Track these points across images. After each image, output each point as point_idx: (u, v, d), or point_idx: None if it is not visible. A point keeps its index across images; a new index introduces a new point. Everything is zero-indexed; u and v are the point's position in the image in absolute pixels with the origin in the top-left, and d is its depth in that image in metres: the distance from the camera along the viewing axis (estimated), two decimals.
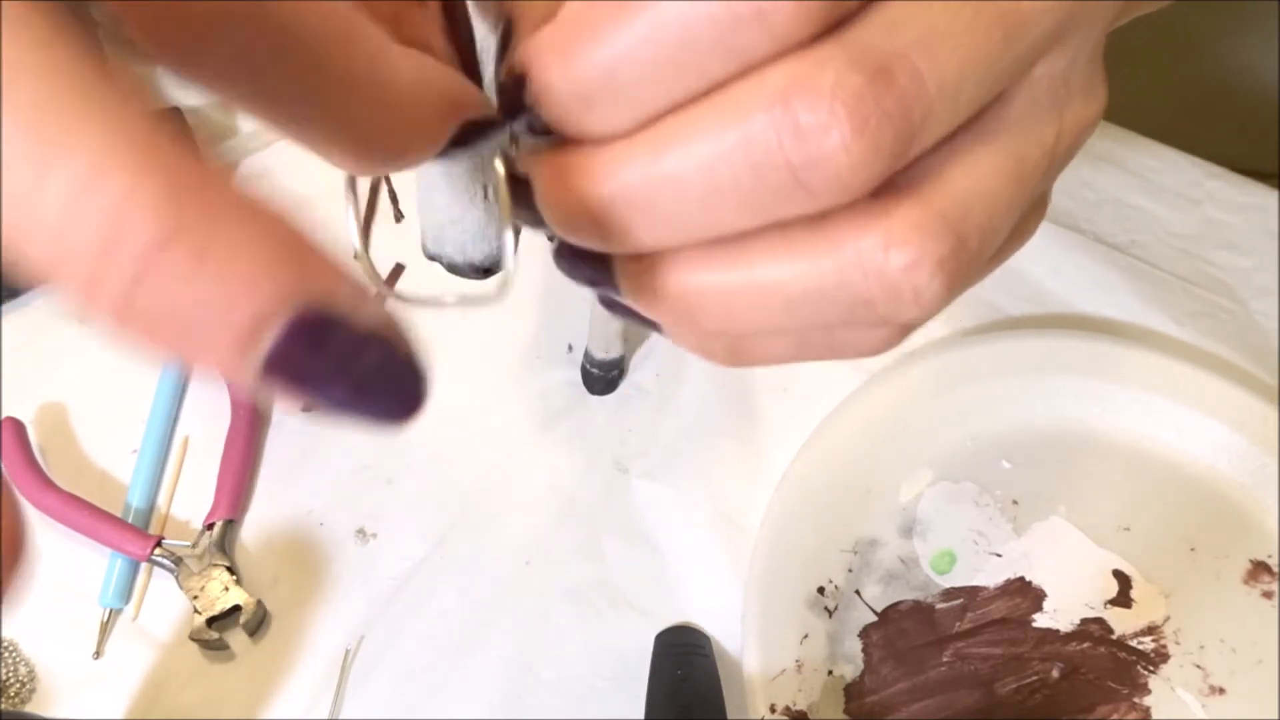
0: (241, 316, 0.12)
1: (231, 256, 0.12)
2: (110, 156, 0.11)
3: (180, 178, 0.12)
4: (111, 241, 0.11)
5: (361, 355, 0.12)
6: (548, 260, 0.22)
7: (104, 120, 0.12)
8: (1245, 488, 0.51)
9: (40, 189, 0.11)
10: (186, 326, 0.12)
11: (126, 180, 0.11)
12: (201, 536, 0.52)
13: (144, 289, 0.11)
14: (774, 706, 0.47)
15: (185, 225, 0.11)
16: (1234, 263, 0.58)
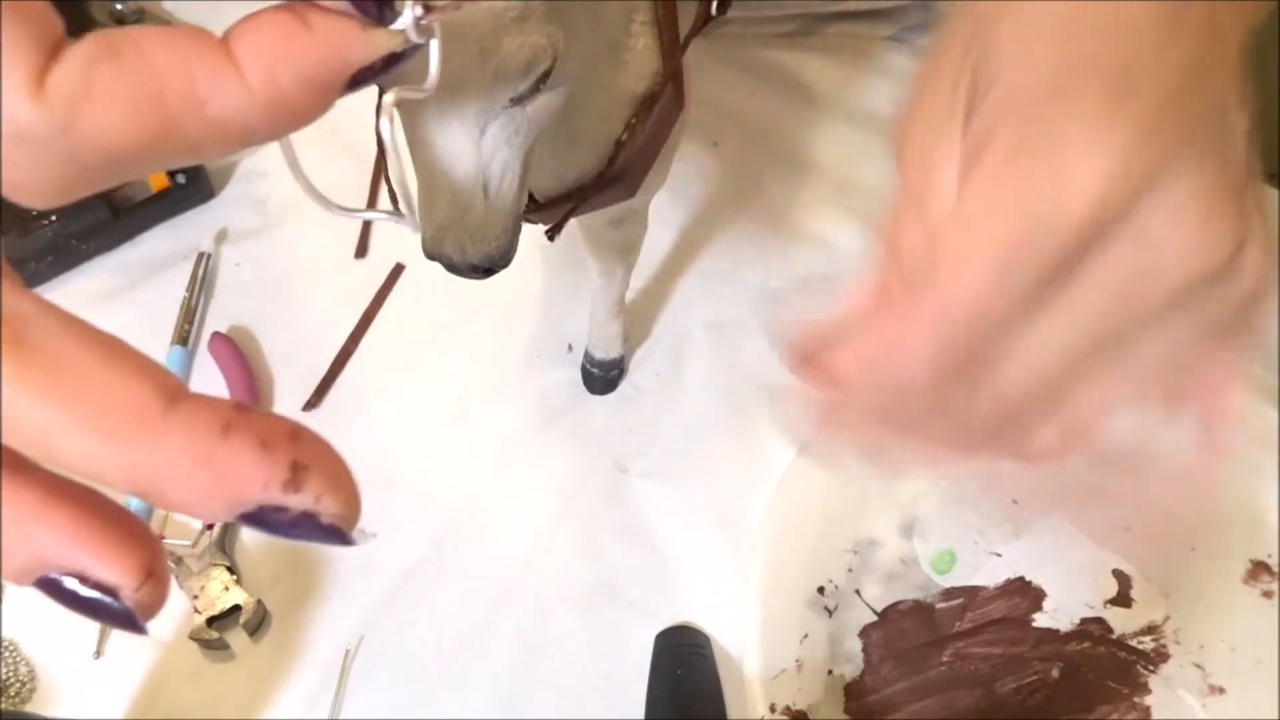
0: (201, 514, 0.16)
1: (179, 497, 0.16)
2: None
3: (130, 450, 0.15)
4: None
5: (293, 527, 0.16)
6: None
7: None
8: (1245, 488, 0.51)
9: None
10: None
11: (106, 459, 0.15)
12: (201, 536, 0.52)
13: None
14: (774, 706, 0.47)
15: (143, 486, 0.15)
16: None
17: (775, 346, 0.22)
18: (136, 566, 0.16)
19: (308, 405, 0.56)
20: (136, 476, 0.15)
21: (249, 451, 0.15)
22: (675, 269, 0.60)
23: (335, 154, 0.62)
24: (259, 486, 0.15)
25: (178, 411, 0.15)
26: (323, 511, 0.16)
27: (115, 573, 0.16)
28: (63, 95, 0.14)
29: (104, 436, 0.15)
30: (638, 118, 0.36)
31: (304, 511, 0.16)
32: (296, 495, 0.15)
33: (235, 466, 0.15)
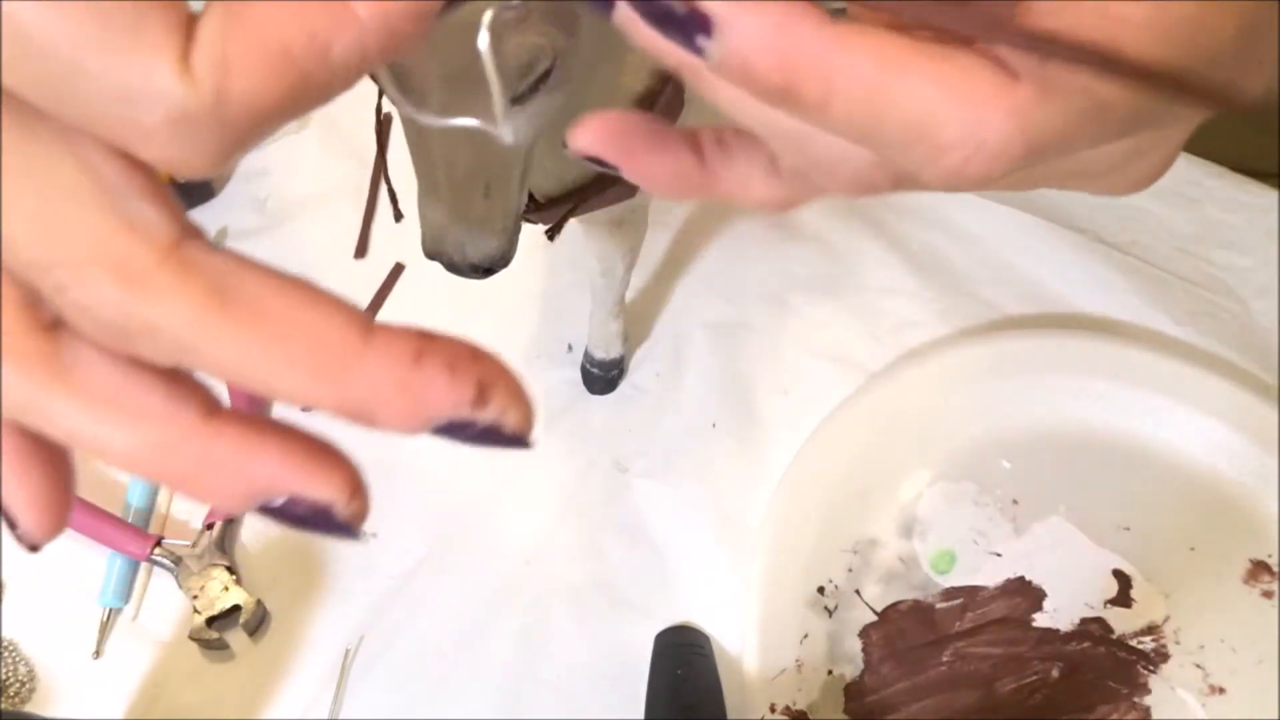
0: (404, 430, 0.17)
1: (384, 419, 0.17)
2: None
3: (338, 385, 0.17)
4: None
5: (481, 437, 0.18)
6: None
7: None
8: (1245, 488, 0.51)
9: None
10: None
11: (317, 394, 0.17)
12: (201, 536, 0.52)
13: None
14: (774, 706, 0.47)
15: (353, 412, 0.17)
16: (1234, 262, 0.58)
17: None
18: (343, 484, 0.17)
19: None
20: (347, 405, 0.17)
21: (440, 377, 0.17)
22: (675, 269, 0.60)
23: (335, 154, 0.62)
24: (450, 406, 0.17)
25: (373, 345, 0.17)
26: (506, 424, 0.18)
27: (326, 491, 0.17)
28: (207, 72, 0.15)
29: (315, 374, 0.16)
30: None
31: (490, 425, 0.18)
32: (484, 410, 0.17)
33: (430, 390, 0.17)
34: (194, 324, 0.16)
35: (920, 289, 0.58)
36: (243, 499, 0.17)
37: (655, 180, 0.24)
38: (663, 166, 0.24)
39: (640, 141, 0.23)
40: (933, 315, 0.57)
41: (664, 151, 0.24)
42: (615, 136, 0.23)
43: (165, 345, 0.16)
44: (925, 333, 0.57)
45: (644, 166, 0.23)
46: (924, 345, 0.56)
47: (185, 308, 0.16)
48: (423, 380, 0.17)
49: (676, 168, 0.24)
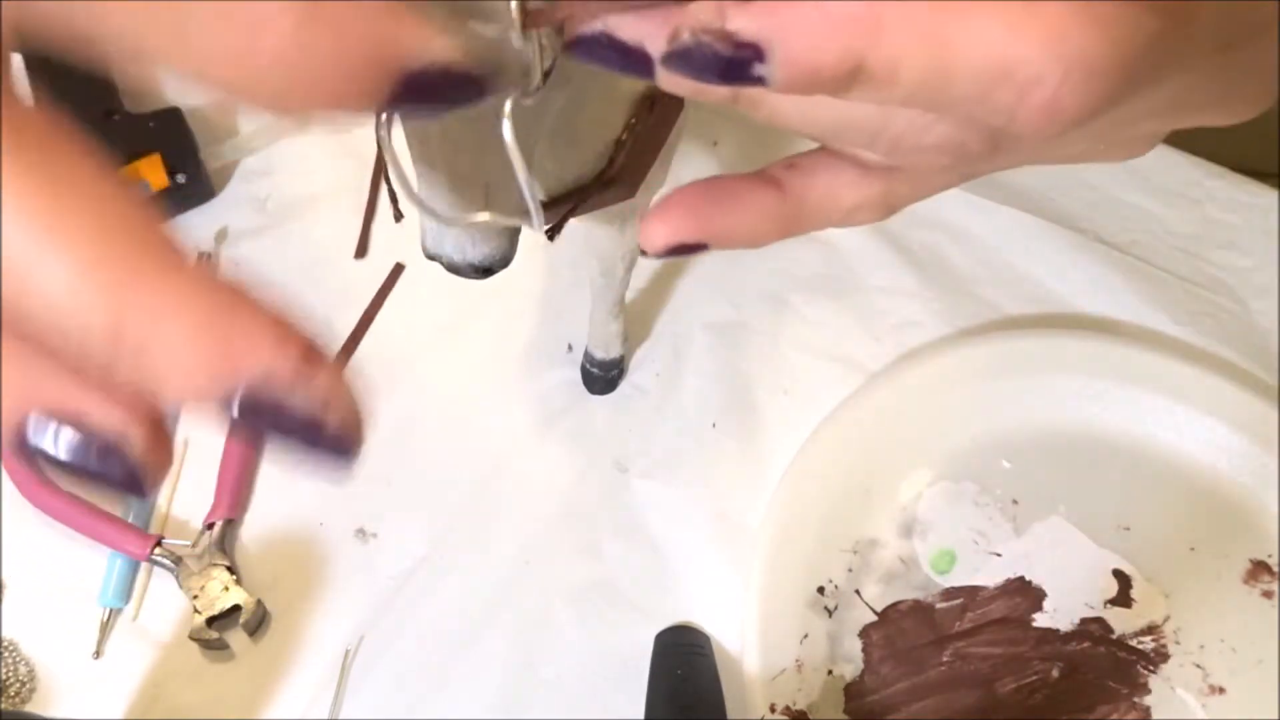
0: (187, 388, 0.14)
1: (169, 348, 0.13)
2: (85, 262, 0.13)
3: (131, 277, 0.13)
4: (82, 330, 0.13)
5: (290, 427, 0.14)
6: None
7: (85, 217, 0.13)
8: (1245, 488, 0.51)
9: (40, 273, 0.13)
10: (152, 389, 0.14)
11: (90, 285, 0.13)
12: (201, 536, 0.52)
13: (115, 364, 0.13)
14: (774, 706, 0.47)
15: (129, 326, 0.13)
16: (1234, 262, 0.58)
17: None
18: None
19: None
20: (122, 322, 0.13)
21: (261, 326, 0.14)
22: (675, 269, 0.60)
23: (335, 154, 0.62)
24: (262, 365, 0.14)
25: (187, 265, 0.14)
26: (330, 420, 0.14)
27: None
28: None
29: (94, 263, 0.13)
30: (638, 118, 0.36)
31: (308, 416, 0.14)
32: (304, 391, 0.14)
33: (242, 336, 0.13)
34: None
35: (920, 289, 0.58)
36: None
37: (747, 232, 0.22)
38: (749, 215, 0.22)
39: (713, 206, 0.22)
40: (933, 315, 0.57)
41: (740, 201, 0.22)
42: (688, 218, 0.22)
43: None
44: (925, 333, 0.57)
45: (731, 227, 0.22)
46: (924, 345, 0.56)
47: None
48: (237, 320, 0.13)
49: (762, 209, 0.22)
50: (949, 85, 0.16)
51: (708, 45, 0.16)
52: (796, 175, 0.23)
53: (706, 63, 0.17)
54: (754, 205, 0.22)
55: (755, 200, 0.22)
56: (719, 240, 0.22)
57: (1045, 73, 0.16)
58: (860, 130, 0.20)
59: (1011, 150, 0.20)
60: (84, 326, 0.13)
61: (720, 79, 0.17)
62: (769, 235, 0.23)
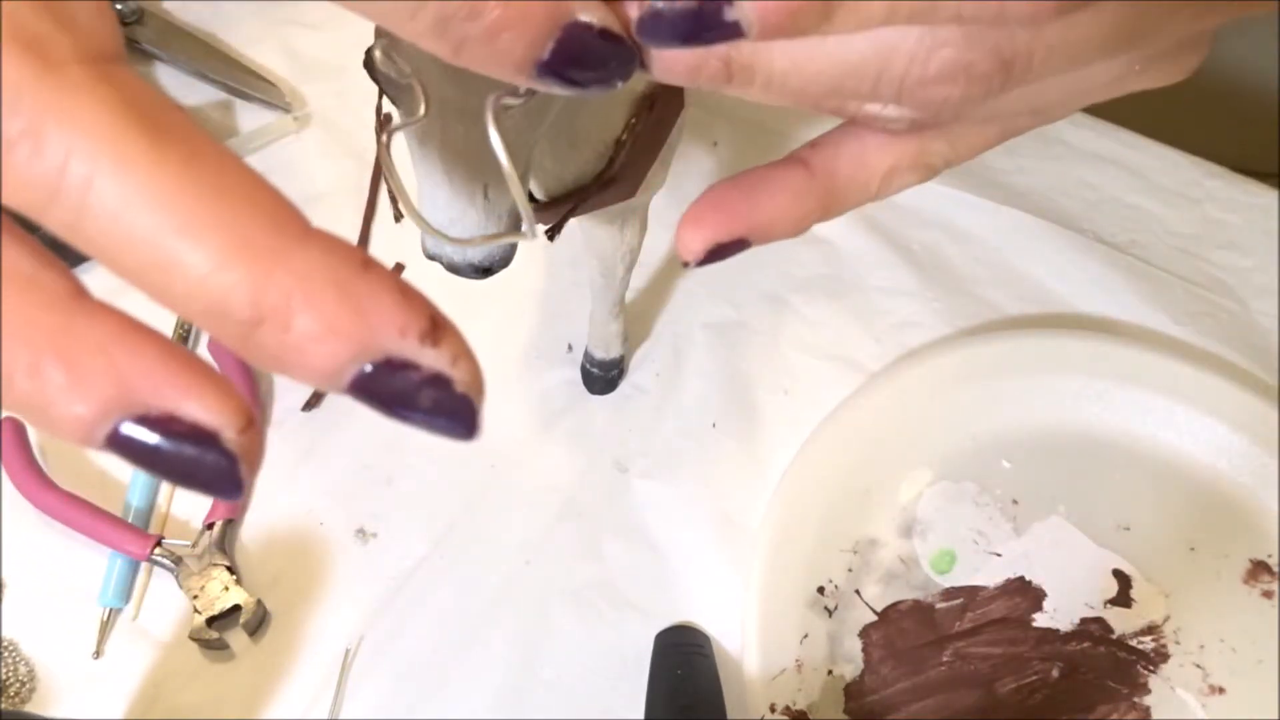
0: (322, 365, 0.14)
1: (306, 326, 0.14)
2: (224, 250, 0.14)
3: (269, 263, 0.14)
4: (221, 311, 0.14)
5: (419, 395, 0.14)
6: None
7: (220, 207, 0.14)
8: (1245, 488, 0.51)
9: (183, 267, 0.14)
10: (284, 368, 0.14)
11: (230, 272, 0.13)
12: (201, 536, 0.52)
13: (250, 343, 0.14)
14: (774, 706, 0.47)
15: (269, 308, 0.13)
16: (1234, 262, 0.58)
17: None
18: (236, 407, 0.14)
19: (308, 405, 0.56)
20: (263, 297, 0.13)
21: (390, 292, 0.14)
22: (675, 269, 0.60)
23: (335, 155, 0.63)
24: (395, 330, 0.14)
25: (317, 235, 0.14)
26: (457, 377, 0.14)
27: (214, 413, 0.14)
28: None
29: (237, 246, 0.13)
30: (638, 118, 0.36)
31: (437, 373, 0.14)
32: (433, 350, 0.14)
33: (375, 302, 0.14)
34: (106, 138, 0.13)
35: (920, 289, 0.58)
36: (104, 403, 0.13)
37: (784, 218, 0.22)
38: (783, 200, 0.22)
39: (745, 199, 0.21)
40: (933, 315, 0.57)
41: (771, 187, 0.22)
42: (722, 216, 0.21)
43: (52, 159, 0.13)
44: (925, 333, 0.57)
45: (768, 216, 0.21)
46: (924, 345, 0.56)
47: (98, 113, 0.13)
48: (368, 288, 0.14)
49: (794, 191, 0.22)
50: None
51: (675, 3, 0.16)
52: (821, 151, 0.22)
53: (678, 20, 0.17)
54: (786, 189, 0.22)
55: (786, 184, 0.22)
56: (758, 232, 0.21)
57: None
58: (862, 77, 0.19)
59: (1027, 68, 0.19)
60: (226, 309, 0.13)
61: (696, 37, 0.17)
62: (807, 217, 0.22)
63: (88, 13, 0.14)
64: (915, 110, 0.20)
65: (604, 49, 0.16)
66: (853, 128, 0.22)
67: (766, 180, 0.22)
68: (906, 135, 0.21)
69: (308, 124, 0.64)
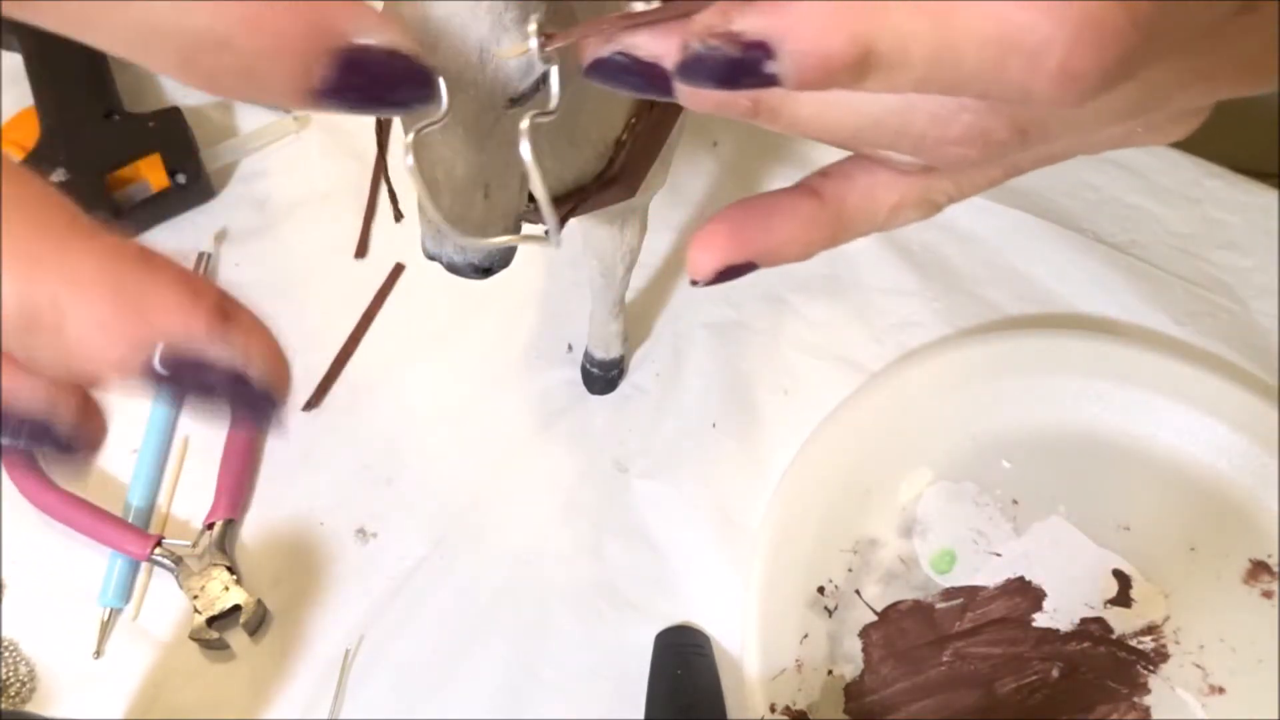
0: (107, 360, 0.14)
1: (83, 322, 0.13)
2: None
3: (37, 257, 0.13)
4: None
5: (213, 383, 0.14)
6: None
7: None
8: (1245, 488, 0.51)
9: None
10: (72, 372, 0.14)
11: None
12: (201, 536, 0.52)
13: (33, 351, 0.14)
14: (774, 706, 0.47)
15: (37, 308, 0.13)
16: (1234, 263, 0.58)
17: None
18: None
19: (308, 405, 0.56)
20: (29, 301, 0.13)
21: (172, 285, 0.14)
22: (675, 269, 0.60)
23: (335, 155, 0.62)
24: (179, 324, 0.14)
25: (95, 234, 0.14)
26: (253, 372, 0.14)
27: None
28: None
29: (9, 245, 0.13)
30: (638, 117, 0.36)
31: (231, 371, 0.14)
32: (222, 345, 0.14)
33: (154, 296, 0.13)
34: None
35: (920, 289, 0.58)
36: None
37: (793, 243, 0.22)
38: (792, 226, 0.22)
39: (755, 223, 0.22)
40: (933, 315, 0.57)
41: (781, 213, 0.22)
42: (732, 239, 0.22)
43: None
44: (925, 333, 0.57)
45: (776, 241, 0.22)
46: (924, 345, 0.56)
47: None
48: (148, 281, 0.13)
49: (804, 218, 0.22)
50: (960, 61, 0.16)
51: (717, 49, 0.16)
52: (832, 181, 0.22)
53: (718, 67, 0.17)
54: (795, 216, 0.22)
55: (795, 210, 0.22)
56: (767, 256, 0.22)
57: (1054, 37, 0.15)
58: (882, 130, 0.20)
59: (1042, 135, 0.19)
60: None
61: (733, 82, 0.17)
62: (815, 244, 0.22)
63: None
64: (929, 161, 0.21)
65: (392, 73, 0.16)
66: (862, 161, 0.22)
67: (778, 206, 0.22)
68: (914, 173, 0.22)
69: (308, 124, 0.63)
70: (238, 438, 0.54)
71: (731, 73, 0.17)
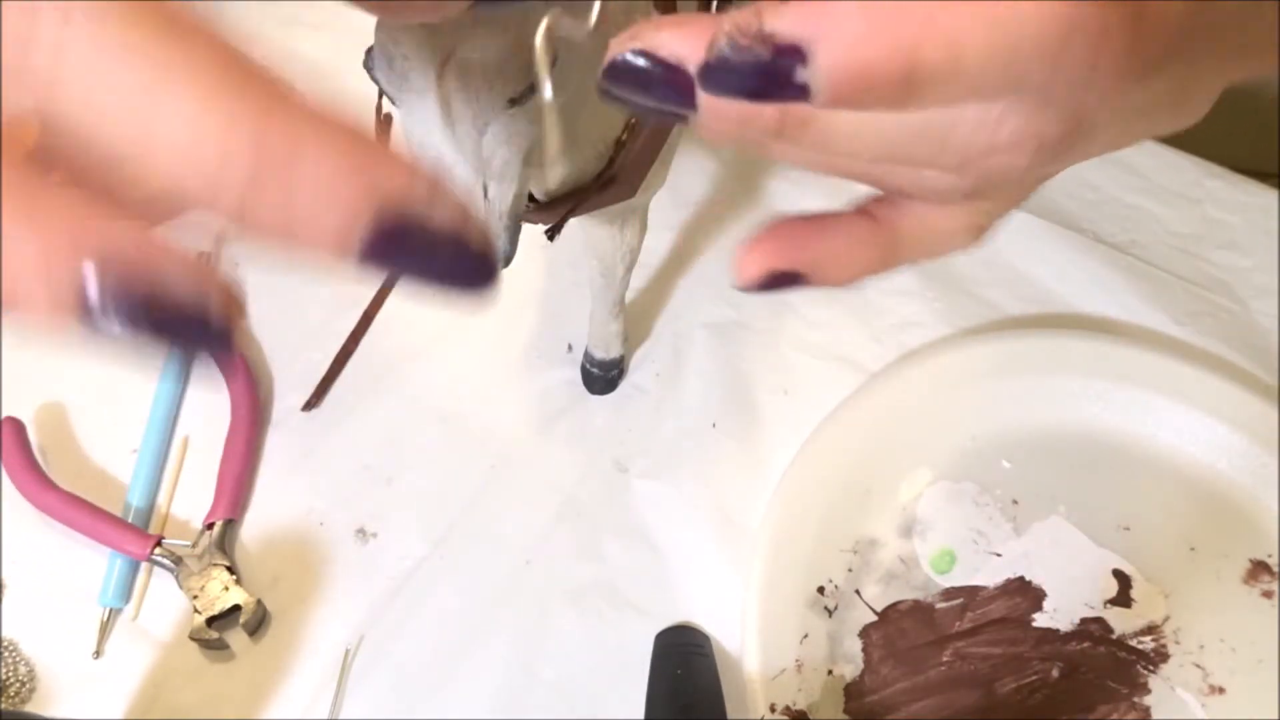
0: (331, 222, 0.13)
1: (314, 175, 0.13)
2: (213, 95, 0.13)
3: (267, 108, 0.13)
4: (219, 166, 0.13)
5: (435, 250, 0.14)
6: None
7: (205, 59, 0.13)
8: (1245, 488, 0.51)
9: (159, 122, 0.13)
10: (291, 232, 0.13)
11: (224, 116, 0.13)
12: (201, 536, 0.52)
13: (252, 203, 0.13)
14: (774, 706, 0.47)
15: (272, 153, 0.13)
16: (1234, 263, 0.58)
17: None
18: (197, 273, 0.14)
19: (308, 405, 0.56)
20: (265, 159, 0.13)
21: (390, 153, 0.14)
22: (675, 269, 0.60)
23: None
24: (404, 185, 0.13)
25: (304, 99, 0.13)
26: (471, 233, 0.14)
27: (182, 277, 0.13)
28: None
29: (229, 99, 0.13)
30: (638, 117, 0.36)
31: (451, 231, 0.14)
32: (439, 207, 0.14)
33: (381, 161, 0.13)
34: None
35: (920, 289, 0.58)
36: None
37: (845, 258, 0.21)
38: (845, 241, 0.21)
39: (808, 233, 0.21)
40: (933, 315, 0.57)
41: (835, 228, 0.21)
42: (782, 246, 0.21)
43: (19, 26, 0.12)
44: (925, 333, 0.57)
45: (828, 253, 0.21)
46: (924, 345, 0.56)
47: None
48: (371, 147, 0.13)
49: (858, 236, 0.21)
50: (1018, 57, 0.15)
51: (746, 50, 0.15)
52: (886, 205, 0.22)
53: (746, 71, 0.15)
54: (849, 233, 0.21)
55: (850, 228, 0.21)
56: (817, 268, 0.21)
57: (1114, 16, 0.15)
58: (924, 142, 0.18)
59: (1091, 129, 0.18)
60: (219, 167, 0.13)
61: (761, 90, 0.15)
62: (865, 265, 0.22)
63: None
64: (972, 180, 0.19)
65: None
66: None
67: (831, 221, 0.22)
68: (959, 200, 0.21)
69: None
70: (238, 438, 0.54)
71: (759, 79, 0.15)
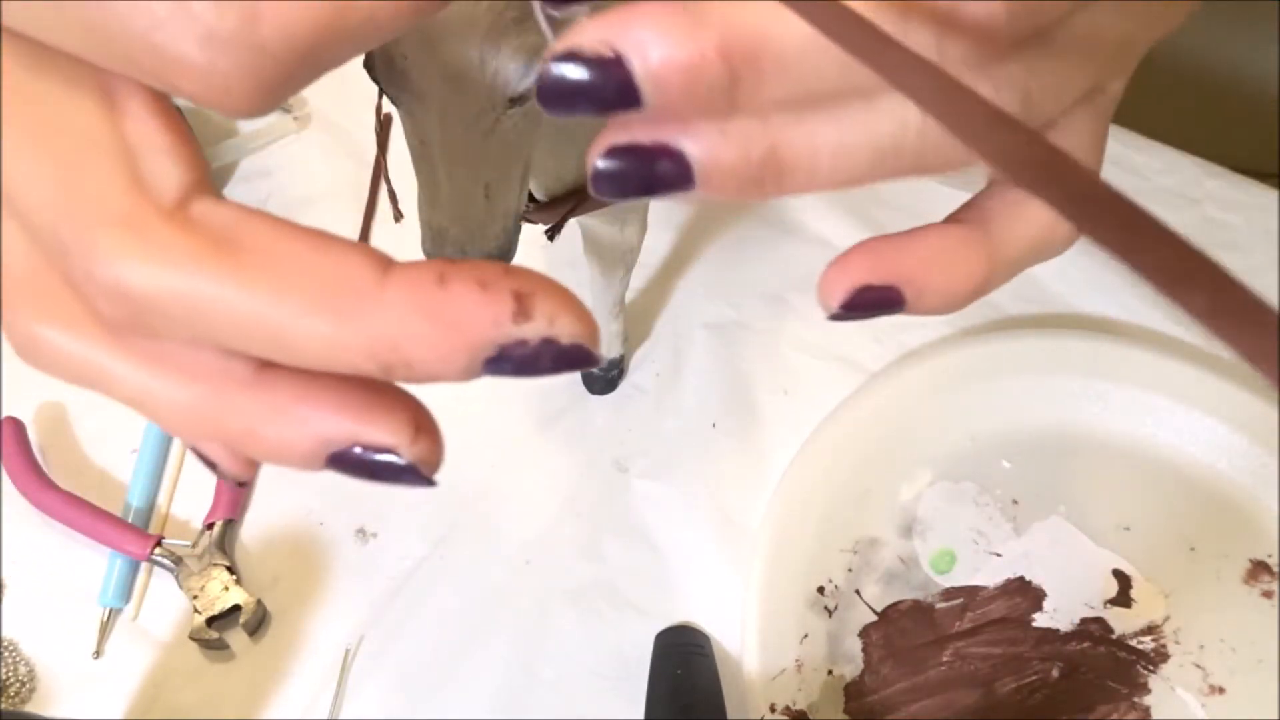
0: (452, 374, 0.16)
1: (420, 359, 0.16)
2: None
3: (354, 323, 0.16)
4: (363, 365, 0.16)
5: (538, 361, 0.16)
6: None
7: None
8: (1245, 488, 0.51)
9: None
10: (432, 383, 0.16)
11: (338, 338, 0.16)
12: (201, 536, 0.52)
13: (395, 378, 0.16)
14: (774, 706, 0.47)
15: (377, 346, 0.16)
16: (1234, 263, 0.58)
17: None
18: (404, 423, 0.17)
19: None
20: (376, 347, 0.15)
21: (470, 293, 0.15)
22: (675, 269, 0.60)
23: (335, 154, 0.63)
24: (489, 324, 0.15)
25: (392, 276, 0.15)
26: (560, 333, 0.15)
27: (386, 433, 0.16)
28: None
29: (333, 316, 0.15)
30: None
31: (543, 339, 0.15)
32: (530, 323, 0.15)
33: (461, 311, 0.15)
34: (200, 276, 0.15)
35: None
36: (305, 451, 0.16)
37: (943, 265, 0.20)
38: (939, 245, 0.20)
39: (899, 245, 0.20)
40: None
41: (927, 237, 0.20)
42: (872, 259, 0.20)
43: (176, 313, 0.15)
44: (925, 333, 0.57)
45: (923, 261, 0.20)
46: (924, 345, 0.56)
47: (190, 261, 0.15)
48: (451, 301, 0.15)
49: (953, 237, 0.20)
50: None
51: (554, 71, 0.15)
52: (974, 210, 0.21)
53: (567, 91, 0.15)
54: (944, 238, 0.20)
55: (943, 234, 0.20)
56: (911, 280, 0.19)
57: None
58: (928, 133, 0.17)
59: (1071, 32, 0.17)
60: (354, 365, 0.15)
61: (596, 110, 0.15)
62: (969, 269, 0.20)
63: (170, 163, 0.16)
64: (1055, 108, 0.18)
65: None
66: (999, 186, 0.20)
67: (920, 231, 0.20)
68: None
69: (308, 124, 0.64)
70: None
71: (583, 98, 0.15)
